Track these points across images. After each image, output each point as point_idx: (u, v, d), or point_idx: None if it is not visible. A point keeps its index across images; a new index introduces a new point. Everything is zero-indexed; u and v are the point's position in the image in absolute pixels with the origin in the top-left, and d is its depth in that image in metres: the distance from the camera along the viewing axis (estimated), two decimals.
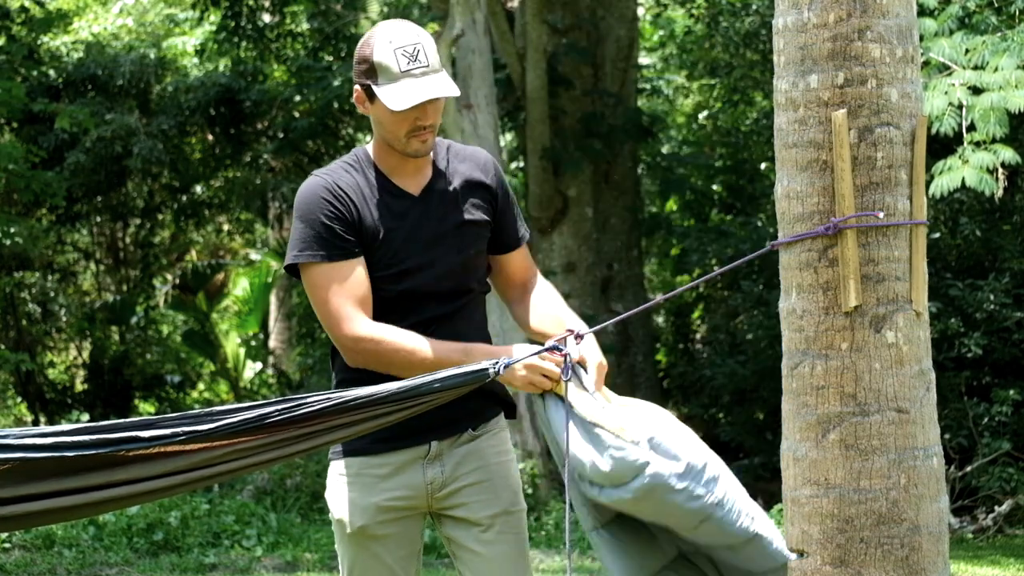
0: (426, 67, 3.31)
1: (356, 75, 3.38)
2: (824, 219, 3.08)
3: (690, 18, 14.43)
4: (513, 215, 3.57)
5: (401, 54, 3.30)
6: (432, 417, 3.34)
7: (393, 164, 3.44)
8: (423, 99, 3.29)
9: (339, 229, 3.35)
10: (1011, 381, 10.24)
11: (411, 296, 3.41)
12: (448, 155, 3.51)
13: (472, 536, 3.46)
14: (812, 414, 3.11)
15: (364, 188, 3.41)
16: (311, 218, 3.36)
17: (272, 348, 16.31)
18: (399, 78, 3.30)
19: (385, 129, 3.39)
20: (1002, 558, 8.63)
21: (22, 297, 14.10)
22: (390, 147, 3.42)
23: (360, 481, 3.45)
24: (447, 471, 3.45)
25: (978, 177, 7.26)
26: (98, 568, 8.57)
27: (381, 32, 3.36)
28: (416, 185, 3.45)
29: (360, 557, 3.47)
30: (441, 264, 3.42)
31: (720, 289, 13.59)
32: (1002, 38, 7.49)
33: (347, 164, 3.47)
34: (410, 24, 3.39)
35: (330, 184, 3.39)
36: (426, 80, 3.31)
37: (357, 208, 3.38)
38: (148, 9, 17.67)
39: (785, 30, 3.16)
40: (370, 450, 3.44)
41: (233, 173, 15.06)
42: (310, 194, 3.39)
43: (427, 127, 3.36)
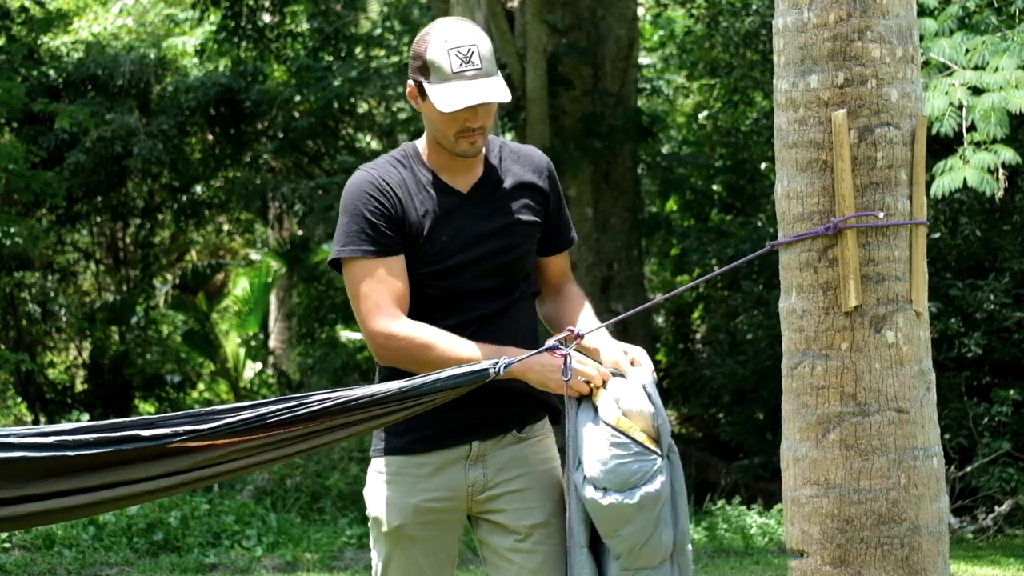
0: (479, 69, 3.28)
1: (410, 70, 3.37)
2: (824, 219, 3.08)
3: (690, 18, 14.42)
4: (562, 218, 3.55)
5: (455, 55, 3.28)
6: (474, 418, 3.34)
7: (443, 161, 3.42)
8: (472, 103, 3.26)
9: (382, 225, 3.34)
10: (1011, 381, 10.24)
11: (456, 294, 3.39)
12: (501, 153, 3.49)
13: (508, 544, 3.42)
14: (812, 414, 3.11)
15: (411, 184, 3.40)
16: (355, 213, 3.35)
17: (272, 348, 16.31)
18: (450, 79, 3.28)
19: (435, 127, 3.37)
20: (1002, 558, 8.63)
21: (22, 297, 14.10)
22: (438, 144, 3.40)
23: (400, 480, 3.42)
24: (489, 474, 3.41)
25: (979, 177, 7.26)
26: (98, 568, 8.56)
27: (438, 30, 3.33)
28: (465, 183, 3.43)
29: (395, 557, 3.44)
30: (487, 263, 3.39)
31: (720, 289, 13.59)
32: (1002, 38, 7.49)
33: (395, 159, 3.45)
34: (468, 24, 3.36)
35: (376, 179, 3.38)
36: (477, 83, 3.28)
37: (402, 204, 3.37)
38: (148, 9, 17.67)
39: (785, 30, 3.16)
40: (411, 449, 3.41)
41: (233, 173, 15.07)
42: (355, 189, 3.38)
43: (476, 129, 3.33)
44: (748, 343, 11.96)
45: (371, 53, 15.05)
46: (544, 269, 3.57)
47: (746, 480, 11.59)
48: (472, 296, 3.39)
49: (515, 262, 3.44)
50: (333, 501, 10.29)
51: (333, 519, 10.04)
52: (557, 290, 3.59)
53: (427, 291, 3.38)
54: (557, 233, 3.54)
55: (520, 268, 3.46)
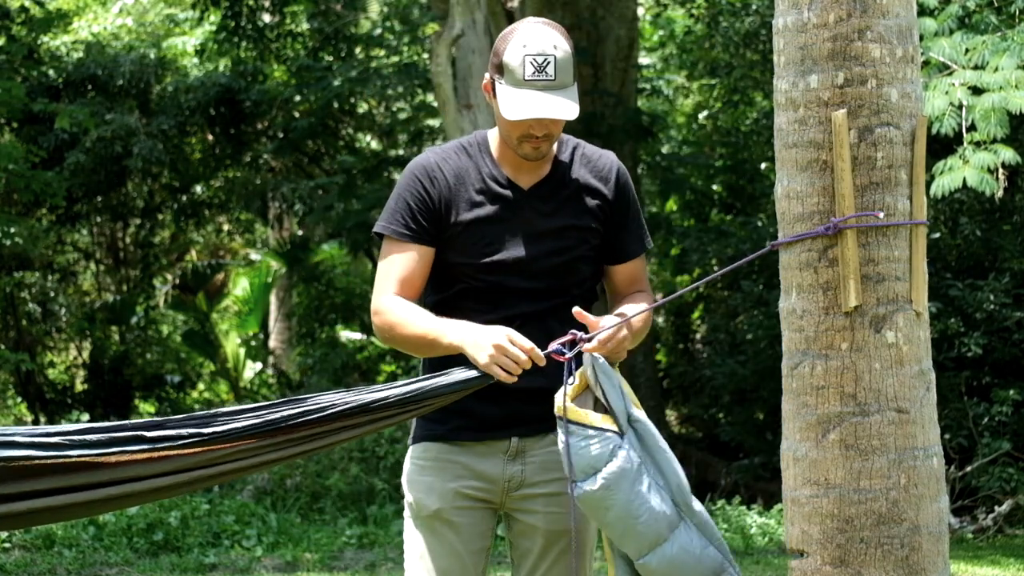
0: (551, 81, 3.27)
1: (489, 65, 3.37)
2: (824, 219, 3.08)
3: (690, 18, 14.42)
4: (629, 227, 3.49)
5: (530, 62, 3.27)
6: (515, 413, 3.34)
7: (509, 156, 3.42)
8: (533, 116, 3.26)
9: (419, 212, 3.37)
10: (1011, 381, 10.24)
11: (501, 289, 3.38)
12: (573, 155, 3.47)
13: (538, 548, 3.43)
14: (812, 414, 3.11)
15: (470, 172, 3.40)
16: (399, 194, 3.41)
17: (272, 348, 16.31)
18: (521, 85, 3.27)
19: (501, 126, 3.38)
20: (1002, 558, 8.63)
21: (22, 297, 14.10)
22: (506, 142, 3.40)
23: (438, 466, 3.42)
24: (527, 472, 3.41)
25: (979, 177, 7.25)
26: (98, 568, 8.57)
27: (520, 32, 3.32)
28: (528, 180, 3.42)
29: (432, 542, 3.42)
30: (538, 263, 3.38)
31: (720, 289, 13.59)
32: (1002, 38, 7.49)
33: (462, 146, 3.46)
34: (552, 32, 3.33)
35: (431, 165, 3.40)
36: (546, 96, 3.26)
37: (452, 192, 3.38)
38: (148, 9, 17.67)
39: (785, 30, 3.16)
40: (451, 437, 3.41)
41: (233, 173, 15.07)
42: (408, 171, 3.42)
43: (540, 137, 3.33)
44: (748, 343, 11.96)
45: (371, 53, 15.06)
46: (611, 277, 3.52)
47: (746, 480, 11.59)
48: (516, 294, 3.38)
49: (565, 265, 3.41)
50: (333, 501, 10.29)
51: (333, 519, 10.04)
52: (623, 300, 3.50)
53: (472, 283, 3.39)
54: (622, 241, 3.49)
55: (571, 272, 3.43)
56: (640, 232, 3.53)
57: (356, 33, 15.16)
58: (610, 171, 3.48)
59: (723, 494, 11.39)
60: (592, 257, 3.47)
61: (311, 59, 14.32)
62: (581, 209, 3.43)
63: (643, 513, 3.17)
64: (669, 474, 3.25)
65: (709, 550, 3.24)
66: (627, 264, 3.51)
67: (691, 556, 3.21)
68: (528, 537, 3.44)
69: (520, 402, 3.33)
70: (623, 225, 3.49)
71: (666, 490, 3.23)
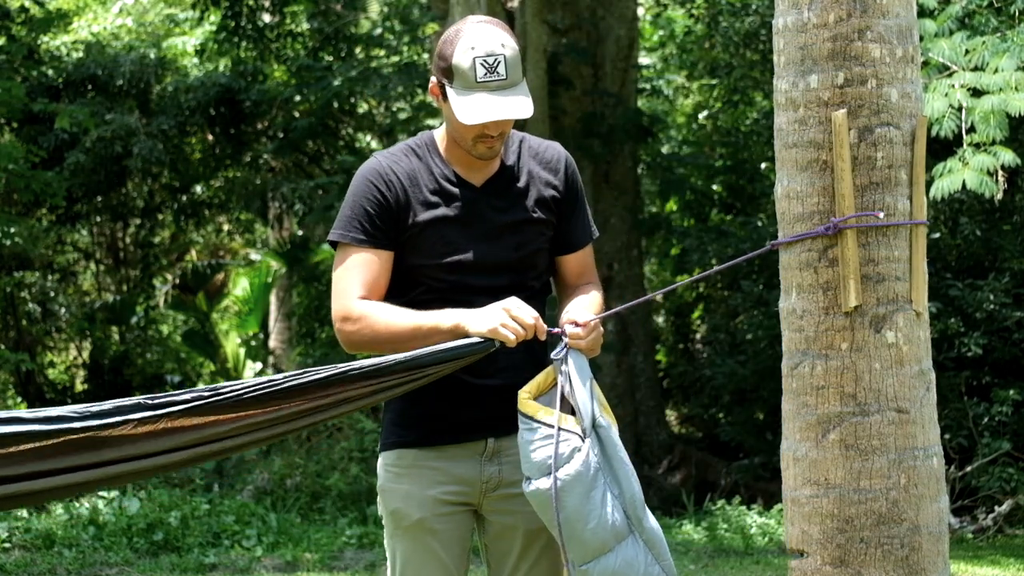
0: (503, 80, 3.26)
1: (434, 68, 3.34)
2: (824, 219, 3.08)
3: (690, 18, 14.42)
4: (578, 217, 3.49)
5: (480, 63, 3.25)
6: (489, 414, 3.33)
7: (459, 155, 3.40)
8: (492, 119, 3.25)
9: (376, 217, 3.34)
10: (1011, 381, 10.24)
11: (463, 288, 3.36)
12: (520, 149, 3.46)
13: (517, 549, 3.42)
14: (812, 414, 3.11)
15: (422, 174, 3.38)
16: (354, 200, 3.37)
17: (272, 348, 16.30)
18: (473, 88, 3.26)
19: (453, 129, 3.36)
20: (1002, 558, 8.63)
21: (22, 297, 14.11)
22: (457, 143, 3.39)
23: (415, 473, 3.39)
24: (504, 472, 3.39)
25: (978, 179, 7.25)
26: (98, 568, 8.56)
27: (466, 34, 3.29)
28: (480, 176, 3.41)
29: (416, 551, 3.39)
30: (496, 258, 3.38)
31: (720, 289, 13.59)
32: (1001, 39, 7.48)
33: (411, 148, 3.44)
34: (497, 31, 3.30)
35: (384, 169, 3.37)
36: (500, 96, 3.25)
37: (407, 195, 3.36)
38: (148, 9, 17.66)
39: (785, 30, 3.16)
40: (426, 442, 3.39)
41: (233, 173, 15.07)
42: (360, 177, 3.38)
43: (495, 136, 3.32)
44: (748, 343, 11.96)
45: (371, 53, 15.05)
46: (561, 268, 3.51)
47: (746, 480, 11.59)
48: (478, 291, 3.36)
49: (524, 259, 3.41)
50: (333, 501, 10.29)
51: (333, 519, 10.04)
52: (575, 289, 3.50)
53: (434, 285, 3.37)
54: (572, 232, 3.49)
55: (530, 266, 3.43)
56: (586, 221, 3.53)
57: (356, 33, 15.15)
58: (558, 162, 3.48)
59: (723, 494, 11.38)
60: (547, 249, 3.47)
61: (311, 59, 14.31)
62: (534, 202, 3.42)
63: (592, 519, 3.14)
64: (625, 485, 3.21)
65: (654, 568, 3.21)
66: (576, 254, 3.50)
67: (634, 571, 3.17)
68: (506, 539, 3.43)
69: (494, 403, 3.31)
70: (572, 215, 3.48)
71: (619, 500, 3.20)
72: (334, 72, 13.72)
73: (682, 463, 12.54)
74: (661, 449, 12.75)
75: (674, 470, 12.53)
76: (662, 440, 12.88)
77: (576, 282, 3.51)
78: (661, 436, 12.94)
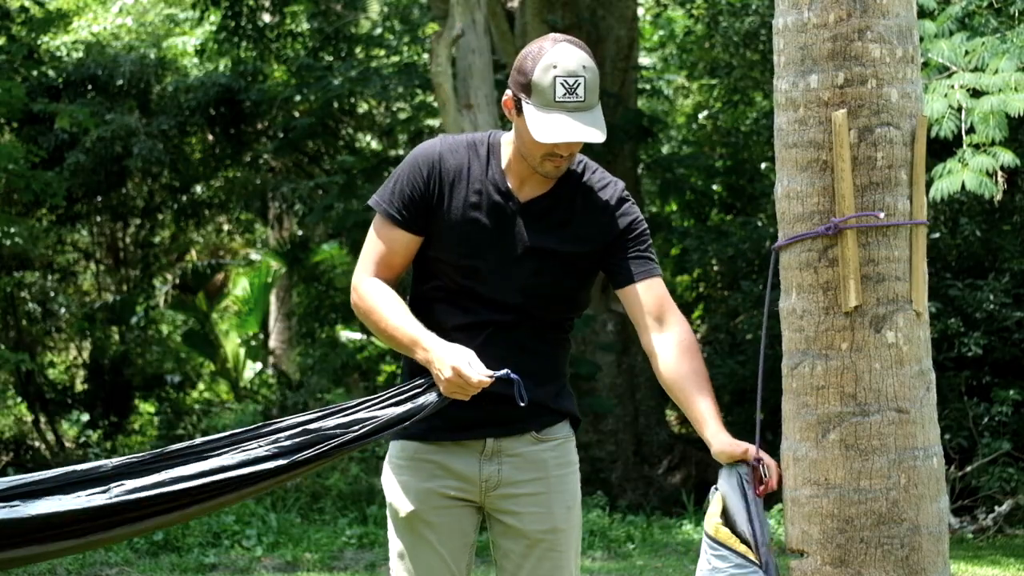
0: (581, 102, 3.24)
1: (512, 82, 3.31)
2: (824, 219, 3.09)
3: (690, 18, 14.42)
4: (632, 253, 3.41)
5: (560, 83, 3.23)
6: (489, 413, 3.33)
7: (518, 168, 3.39)
8: (566, 140, 3.23)
9: (411, 200, 3.36)
10: (1011, 381, 10.24)
11: (471, 295, 3.36)
12: (581, 177, 3.44)
13: (519, 549, 3.42)
14: (812, 414, 3.11)
15: (473, 171, 3.38)
16: (400, 174, 3.39)
17: (272, 348, 16.31)
18: (551, 107, 3.23)
19: (523, 143, 3.34)
20: (1002, 558, 8.63)
21: (22, 297, 14.10)
22: (522, 156, 3.36)
23: (415, 465, 3.42)
24: (504, 472, 3.40)
25: (978, 181, 7.24)
26: (98, 568, 8.56)
27: (549, 52, 3.26)
28: (527, 193, 3.39)
29: (413, 543, 3.42)
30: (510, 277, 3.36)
31: (720, 289, 13.59)
32: (1001, 39, 7.48)
33: (473, 143, 3.43)
34: (579, 52, 3.27)
35: (437, 155, 3.38)
36: (576, 117, 3.23)
37: (449, 188, 3.36)
38: (148, 9, 17.66)
39: (785, 30, 3.16)
40: (428, 436, 3.40)
41: (233, 173, 15.07)
42: (414, 155, 3.40)
43: (564, 156, 3.31)
44: (748, 343, 11.96)
45: (371, 53, 15.06)
46: (624, 300, 3.44)
47: None
48: (486, 304, 3.36)
49: (543, 287, 3.38)
50: (333, 501, 10.30)
51: (333, 519, 10.04)
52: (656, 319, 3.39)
53: (446, 282, 3.38)
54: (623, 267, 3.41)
55: (545, 295, 3.39)
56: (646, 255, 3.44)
57: (356, 33, 15.16)
58: (613, 199, 3.44)
59: None
60: (573, 285, 3.43)
61: (311, 59, 14.31)
62: (568, 234, 3.39)
63: None
64: None
65: None
66: (635, 286, 3.40)
67: None
68: (510, 538, 3.43)
69: (494, 404, 3.30)
70: (624, 251, 3.42)
71: None
72: (334, 72, 13.72)
73: (682, 463, 12.53)
74: (661, 449, 12.75)
75: (674, 470, 12.53)
76: (662, 440, 12.88)
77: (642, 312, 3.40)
78: (661, 436, 12.94)
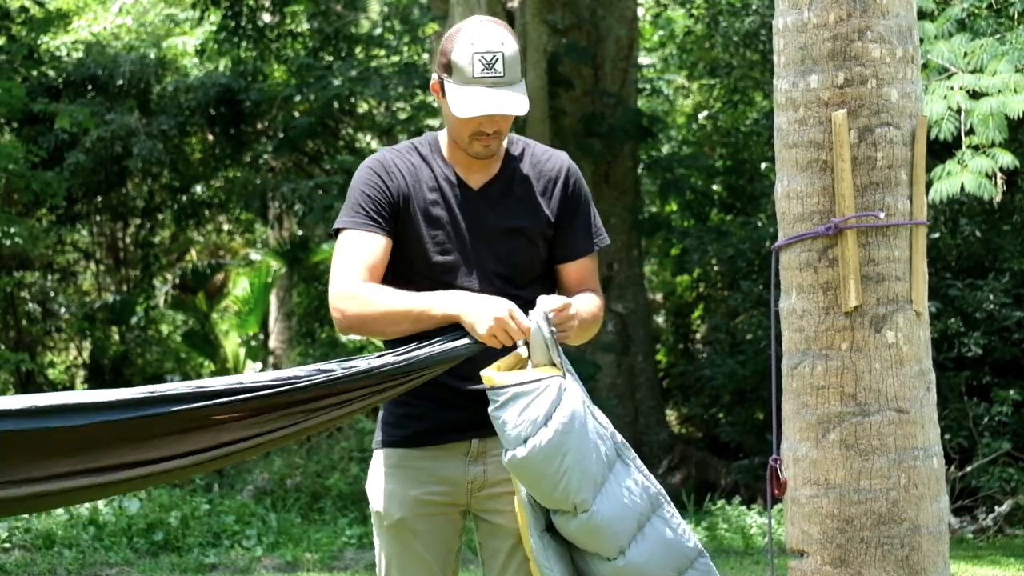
0: (500, 77, 3.28)
1: (436, 64, 3.38)
2: (824, 219, 3.09)
3: (690, 18, 14.43)
4: (577, 227, 3.46)
5: (479, 59, 3.28)
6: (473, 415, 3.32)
7: (460, 156, 3.42)
8: (484, 113, 3.27)
9: (376, 203, 3.36)
10: (1011, 381, 10.25)
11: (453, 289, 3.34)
12: (523, 155, 3.47)
13: (506, 548, 3.41)
14: (812, 414, 3.11)
15: (422, 171, 3.41)
16: (354, 189, 3.40)
17: (272, 348, 16.30)
18: (470, 83, 3.28)
19: (451, 126, 3.39)
20: (1002, 558, 8.63)
21: (22, 297, 14.11)
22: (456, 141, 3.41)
23: (400, 473, 3.42)
24: (489, 472, 3.40)
25: (977, 182, 7.24)
26: (98, 568, 8.56)
27: (467, 30, 3.33)
28: (478, 179, 3.43)
29: (398, 550, 3.43)
30: (484, 264, 3.38)
31: (720, 289, 13.60)
32: (1000, 41, 7.48)
33: (414, 146, 3.47)
34: (498, 29, 3.34)
35: (386, 160, 3.41)
36: (495, 92, 3.28)
37: (407, 188, 3.38)
38: (148, 9, 17.66)
39: (785, 30, 3.16)
40: (411, 442, 3.41)
41: (233, 173, 15.07)
42: (363, 167, 3.43)
43: (491, 134, 3.34)
44: (748, 343, 11.96)
45: (371, 53, 15.06)
46: (560, 276, 3.48)
47: (746, 480, 11.59)
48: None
49: (515, 266, 3.41)
50: (333, 501, 10.30)
51: (333, 519, 10.04)
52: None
53: (424, 283, 3.36)
54: (570, 240, 3.46)
55: (521, 273, 3.42)
56: (589, 231, 3.49)
57: (356, 33, 15.16)
58: (559, 171, 3.47)
59: (723, 494, 11.38)
60: (542, 260, 3.46)
61: (311, 59, 14.32)
62: (529, 210, 3.42)
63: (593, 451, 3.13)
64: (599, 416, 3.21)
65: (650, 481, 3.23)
66: (575, 263, 3.47)
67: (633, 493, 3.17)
68: (497, 537, 3.43)
69: (478, 404, 3.29)
70: (571, 224, 3.46)
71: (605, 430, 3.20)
72: (334, 72, 13.72)
73: (682, 463, 12.54)
74: (661, 449, 12.75)
75: (674, 470, 12.53)
76: (662, 440, 12.88)
77: (574, 291, 3.47)
78: (661, 436, 12.94)
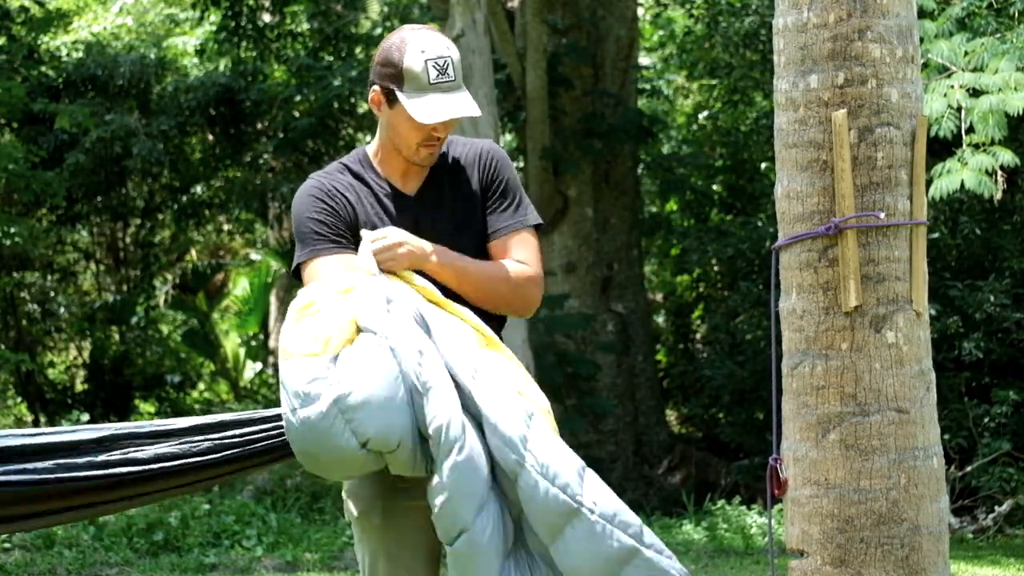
0: (452, 81, 3.34)
1: (379, 76, 3.37)
2: (824, 219, 3.09)
3: (690, 18, 14.42)
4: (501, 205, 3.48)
5: (432, 66, 3.32)
6: None
7: (394, 166, 3.45)
8: (450, 116, 3.31)
9: (330, 226, 3.37)
10: (1011, 381, 10.24)
11: None
12: (447, 153, 3.50)
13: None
14: (812, 414, 3.11)
15: (360, 188, 3.43)
16: (300, 219, 3.40)
17: (272, 348, 16.29)
18: (426, 90, 3.32)
19: (397, 135, 3.39)
20: (1002, 558, 8.63)
21: (22, 297, 14.10)
22: (395, 150, 3.42)
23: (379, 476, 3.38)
24: None
25: (977, 180, 7.25)
26: (98, 568, 8.56)
27: (414, 39, 3.36)
28: (412, 186, 3.46)
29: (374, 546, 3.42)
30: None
31: (720, 289, 13.59)
32: (1000, 40, 7.49)
33: (344, 165, 3.49)
34: (440, 35, 3.40)
35: (323, 184, 3.42)
36: (452, 96, 3.33)
37: (352, 205, 3.40)
38: (148, 9, 17.66)
39: (785, 30, 3.16)
40: None
41: (233, 173, 15.06)
42: (300, 196, 3.43)
43: (439, 139, 3.38)
44: (748, 343, 11.96)
45: (371, 53, 15.05)
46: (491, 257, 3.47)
47: (746, 480, 11.58)
48: None
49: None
50: (333, 501, 10.30)
51: (333, 519, 10.04)
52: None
53: None
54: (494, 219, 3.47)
55: None
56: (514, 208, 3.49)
57: (356, 33, 15.15)
58: (476, 155, 3.50)
59: (723, 494, 11.38)
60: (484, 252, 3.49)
61: (311, 59, 14.32)
62: (463, 203, 3.46)
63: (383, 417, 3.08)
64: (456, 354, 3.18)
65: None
66: (499, 241, 3.46)
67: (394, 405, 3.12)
68: None
69: None
70: (496, 204, 3.48)
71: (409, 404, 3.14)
72: (334, 72, 13.72)
73: (682, 463, 12.54)
74: (661, 449, 12.75)
75: (674, 470, 12.53)
76: (662, 440, 12.88)
77: None
78: (661, 436, 12.94)
